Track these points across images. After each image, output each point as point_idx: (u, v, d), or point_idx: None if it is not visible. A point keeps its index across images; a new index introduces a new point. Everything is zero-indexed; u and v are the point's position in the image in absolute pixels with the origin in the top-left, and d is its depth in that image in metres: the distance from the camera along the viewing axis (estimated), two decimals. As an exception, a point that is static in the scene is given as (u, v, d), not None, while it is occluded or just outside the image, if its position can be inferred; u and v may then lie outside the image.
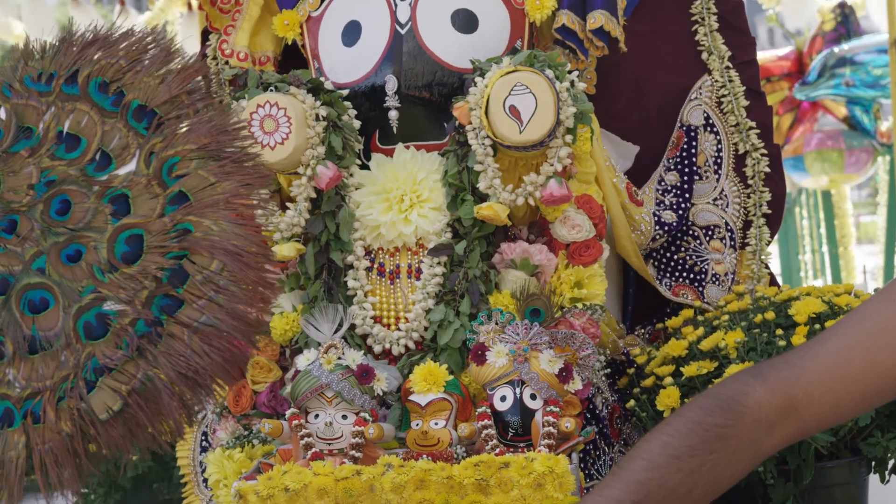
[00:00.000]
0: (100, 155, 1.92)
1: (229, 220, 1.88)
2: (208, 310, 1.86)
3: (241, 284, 1.88)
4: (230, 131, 1.95)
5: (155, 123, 1.93)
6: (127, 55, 1.96)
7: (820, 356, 1.66)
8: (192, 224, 1.88)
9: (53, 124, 1.93)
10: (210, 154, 1.93)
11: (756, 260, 3.00)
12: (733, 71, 2.99)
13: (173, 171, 1.90)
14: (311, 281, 2.68)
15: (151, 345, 1.85)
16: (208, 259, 1.87)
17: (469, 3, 2.78)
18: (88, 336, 1.86)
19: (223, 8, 3.01)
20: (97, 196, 1.90)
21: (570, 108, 2.53)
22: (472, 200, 2.60)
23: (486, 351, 2.47)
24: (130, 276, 1.87)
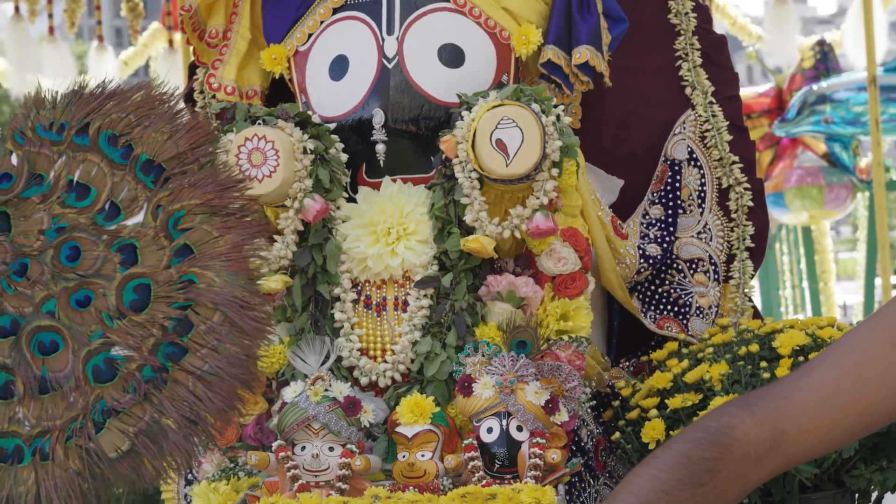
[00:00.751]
0: (109, 205, 2.01)
1: (231, 273, 2.00)
2: (210, 358, 1.97)
3: (241, 335, 1.99)
4: (232, 187, 2.06)
5: (162, 178, 2.03)
6: (137, 110, 2.06)
7: (808, 388, 1.67)
8: (196, 276, 1.99)
9: (64, 173, 2.02)
10: (213, 209, 2.03)
11: (739, 293, 3.02)
12: (717, 106, 3.02)
13: (179, 224, 2.01)
14: (298, 313, 2.69)
15: (157, 390, 1.96)
16: (211, 310, 1.98)
17: (456, 38, 2.81)
18: (97, 379, 1.96)
19: (210, 42, 3.03)
20: (106, 245, 2.00)
21: (556, 141, 2.56)
22: (458, 233, 2.62)
23: (472, 383, 2.48)
24: (138, 323, 1.98)
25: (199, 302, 1.99)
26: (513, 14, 2.85)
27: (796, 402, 1.67)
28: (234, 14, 3.03)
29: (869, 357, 1.67)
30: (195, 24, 3.02)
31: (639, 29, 3.00)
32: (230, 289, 1.99)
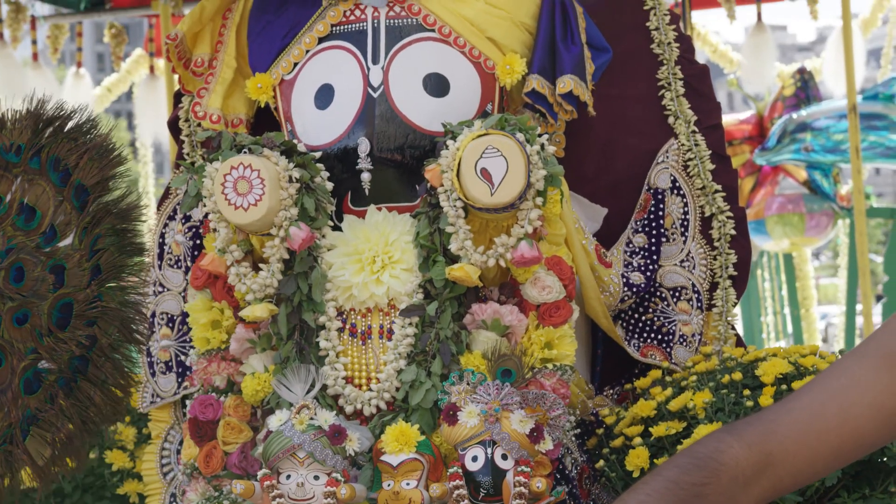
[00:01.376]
0: (49, 228, 2.17)
1: (125, 290, 2.24)
2: (105, 368, 2.20)
3: (127, 347, 2.25)
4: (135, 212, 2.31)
5: (90, 203, 2.20)
6: (76, 136, 2.23)
7: (794, 412, 1.68)
8: (102, 294, 2.20)
9: (18, 195, 2.16)
10: (117, 232, 2.25)
11: (722, 321, 3.03)
12: (699, 135, 3.04)
13: (95, 245, 2.19)
14: (283, 341, 2.69)
15: (67, 399, 2.18)
16: (110, 325, 2.21)
17: (441, 67, 2.83)
18: (27, 391, 2.14)
19: (196, 71, 3.04)
20: (43, 266, 2.16)
21: (540, 170, 2.57)
22: (443, 262, 2.63)
23: (457, 411, 2.49)
24: (61, 340, 2.16)
25: (103, 318, 2.18)
26: (497, 44, 2.87)
27: (783, 425, 1.68)
28: (219, 43, 3.05)
29: (855, 380, 1.69)
30: (181, 52, 3.03)
31: (622, 59, 3.02)
32: (124, 305, 2.21)
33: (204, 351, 2.77)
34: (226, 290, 2.75)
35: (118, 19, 7.50)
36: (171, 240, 3.09)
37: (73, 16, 6.97)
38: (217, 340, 2.76)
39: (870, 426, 1.67)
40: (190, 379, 2.98)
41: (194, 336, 2.79)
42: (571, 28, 2.91)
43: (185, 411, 2.87)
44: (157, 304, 3.05)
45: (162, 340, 3.07)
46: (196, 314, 2.79)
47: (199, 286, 2.77)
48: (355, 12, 2.88)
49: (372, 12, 2.87)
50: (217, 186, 2.62)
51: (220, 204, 2.62)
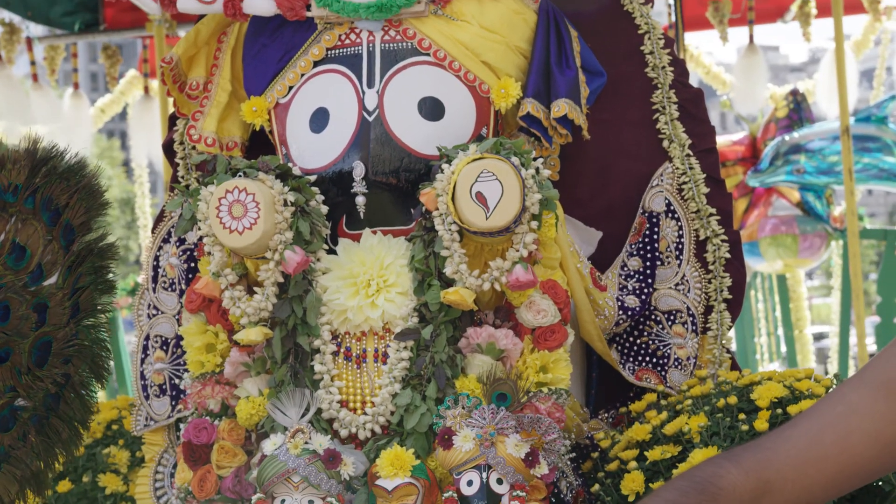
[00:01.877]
0: (37, 267, 2.18)
1: (96, 328, 2.29)
2: (75, 405, 2.24)
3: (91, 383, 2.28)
4: (109, 252, 2.34)
5: (76, 242, 2.22)
6: (68, 175, 2.24)
7: (793, 439, 1.69)
8: (79, 332, 2.22)
9: (11, 234, 2.16)
10: (94, 270, 2.27)
11: (717, 345, 3.03)
12: (694, 159, 3.04)
13: (76, 284, 2.21)
14: (278, 365, 2.69)
15: (38, 435, 2.18)
16: (82, 362, 2.23)
17: (436, 91, 2.83)
18: (1, 429, 2.15)
19: (191, 94, 3.04)
20: (27, 305, 2.16)
21: (535, 194, 2.57)
22: (438, 285, 2.63)
23: (452, 435, 2.48)
24: (39, 377, 2.17)
25: (76, 356, 2.22)
26: (492, 68, 2.87)
27: (781, 452, 1.69)
28: (214, 66, 3.05)
29: (853, 408, 1.69)
30: (176, 75, 3.04)
31: (617, 82, 3.03)
32: (94, 342, 2.25)
33: (198, 374, 2.76)
34: (220, 314, 2.75)
35: (112, 40, 7.51)
36: (166, 262, 3.09)
37: (68, 37, 6.97)
38: (211, 364, 2.76)
39: (868, 454, 1.67)
40: (184, 402, 2.97)
41: (189, 359, 2.79)
42: (566, 52, 2.92)
43: (178, 435, 2.87)
44: (151, 326, 3.05)
45: (156, 363, 3.06)
46: (190, 337, 2.78)
47: (193, 309, 2.77)
48: (350, 36, 2.88)
49: (367, 36, 2.87)
50: (212, 210, 2.62)
51: (214, 227, 2.62)
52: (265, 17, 2.93)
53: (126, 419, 3.33)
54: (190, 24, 3.12)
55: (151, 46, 7.30)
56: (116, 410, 3.53)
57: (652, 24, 3.10)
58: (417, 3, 2.84)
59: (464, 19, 2.88)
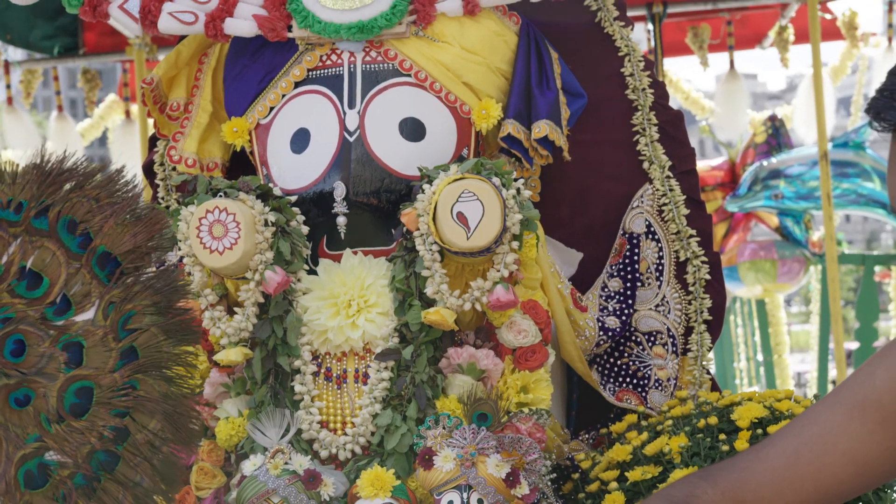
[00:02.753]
0: (61, 298, 1.88)
1: (171, 380, 1.91)
2: (142, 469, 1.88)
3: (174, 446, 1.91)
4: (180, 288, 1.96)
5: (117, 273, 1.91)
6: (97, 196, 1.93)
7: (769, 459, 1.70)
8: (138, 382, 1.88)
9: (18, 258, 1.89)
10: (160, 310, 1.93)
11: (697, 366, 3.04)
12: (674, 180, 3.05)
13: (128, 324, 1.89)
14: (258, 386, 2.68)
15: (86, 498, 1.86)
16: (148, 418, 1.88)
17: (417, 112, 2.84)
18: (28, 485, 1.84)
19: (172, 115, 3.04)
20: (52, 341, 1.87)
21: (516, 214, 2.58)
22: (419, 305, 2.63)
23: (433, 456, 2.48)
24: (76, 429, 1.86)
25: (138, 409, 1.88)
26: (473, 89, 2.88)
27: (757, 472, 1.70)
28: (195, 87, 3.05)
29: (829, 427, 1.70)
30: (156, 96, 3.03)
31: (597, 104, 3.04)
32: (168, 397, 1.90)
33: (178, 395, 2.75)
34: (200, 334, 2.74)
35: (92, 64, 7.50)
36: (146, 284, 3.08)
37: (47, 61, 6.96)
38: None
39: (844, 474, 1.68)
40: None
41: (168, 380, 2.77)
42: (547, 74, 2.93)
43: (158, 456, 2.85)
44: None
45: (135, 385, 3.04)
46: (170, 358, 2.77)
47: (173, 330, 2.76)
48: (332, 57, 2.89)
49: (348, 57, 2.88)
50: (192, 230, 2.61)
51: (195, 247, 2.62)
52: (246, 37, 2.93)
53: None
54: (170, 49, 3.12)
55: (132, 70, 7.28)
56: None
57: (632, 47, 3.11)
58: (399, 24, 2.85)
59: (445, 40, 2.89)
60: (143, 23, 2.91)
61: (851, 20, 7.41)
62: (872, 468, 1.70)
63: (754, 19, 7.24)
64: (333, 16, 2.85)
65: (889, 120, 1.61)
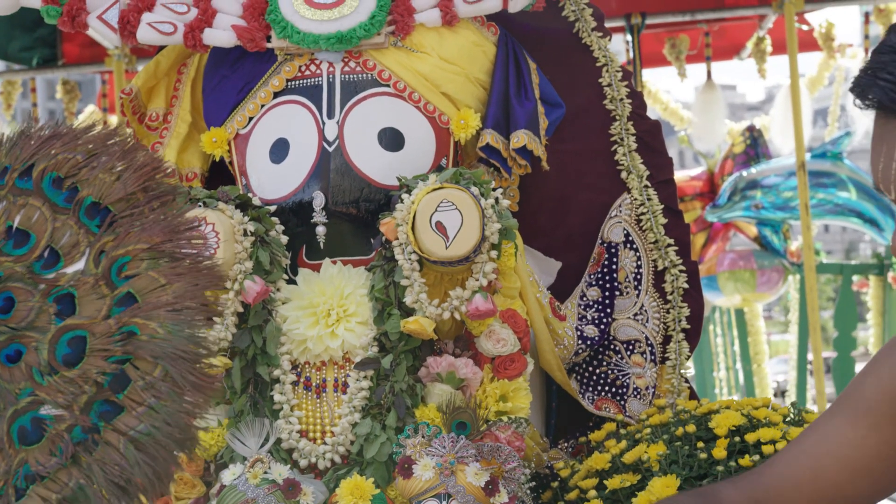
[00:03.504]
0: (48, 252, 1.85)
1: (176, 323, 1.81)
2: (146, 417, 1.79)
3: (182, 392, 1.80)
4: (184, 231, 1.88)
5: (108, 221, 1.86)
6: (85, 150, 1.89)
7: (775, 463, 1.77)
8: (138, 327, 1.81)
9: (3, 219, 1.85)
10: (162, 254, 1.86)
11: (676, 374, 3.05)
12: (652, 190, 3.07)
13: (123, 270, 1.84)
14: (237, 395, 2.68)
15: (86, 452, 1.79)
16: (152, 364, 1.80)
17: (396, 122, 2.85)
18: (22, 441, 1.79)
19: (151, 125, 3.04)
20: (42, 295, 1.82)
21: (494, 224, 2.59)
22: (398, 315, 2.63)
23: (412, 464, 2.48)
24: (71, 379, 1.80)
25: (139, 356, 1.80)
26: (452, 99, 2.90)
27: (766, 476, 1.82)
28: (174, 97, 3.06)
29: (824, 435, 1.77)
30: (135, 107, 3.04)
31: (575, 114, 3.06)
32: (175, 341, 1.80)
33: (157, 405, 2.75)
34: (179, 344, 2.74)
35: (71, 75, 7.49)
36: (125, 294, 3.07)
37: (26, 72, 6.95)
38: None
39: (838, 479, 1.74)
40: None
41: (147, 390, 2.77)
42: (525, 84, 2.94)
43: (137, 467, 2.84)
44: (109, 358, 3.03)
45: (114, 395, 3.04)
46: (149, 368, 2.76)
47: (152, 340, 2.75)
48: (311, 67, 2.90)
49: (327, 67, 2.89)
50: (171, 239, 2.61)
51: (174, 257, 2.61)
52: (225, 48, 2.94)
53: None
54: (149, 59, 3.12)
55: (111, 81, 7.28)
56: (74, 444, 3.50)
57: (610, 57, 3.13)
58: (377, 34, 2.86)
59: (423, 51, 2.90)
60: (121, 33, 2.91)
61: (828, 31, 7.47)
62: (869, 474, 1.74)
63: (732, 30, 7.28)
64: (312, 26, 2.86)
65: (872, 98, 1.64)
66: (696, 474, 2.55)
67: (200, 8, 2.93)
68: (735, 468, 2.52)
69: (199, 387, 1.81)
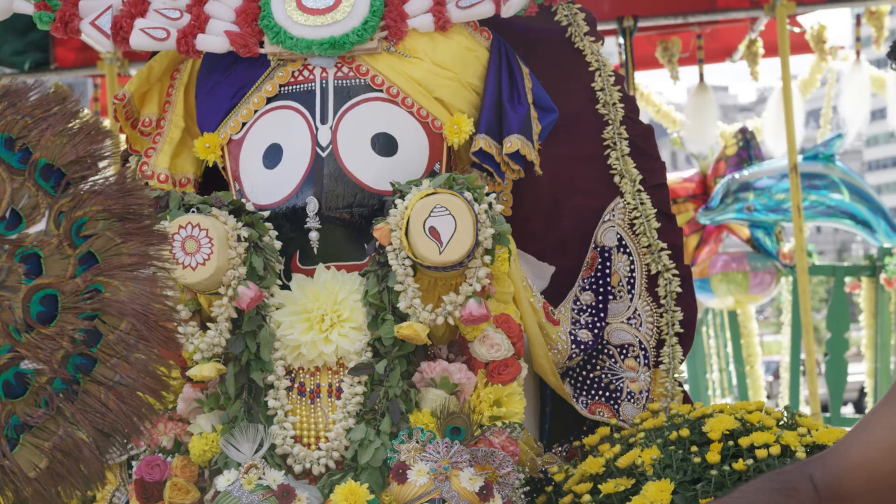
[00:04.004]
0: (10, 213, 1.94)
1: (136, 281, 1.95)
2: (120, 368, 1.94)
3: (148, 343, 1.95)
4: (134, 192, 2.00)
5: (63, 183, 1.96)
6: (33, 112, 1.98)
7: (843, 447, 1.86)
8: (102, 285, 1.94)
9: None
10: (115, 215, 1.98)
11: (669, 378, 3.05)
12: (645, 194, 3.07)
13: (81, 231, 1.95)
14: (232, 401, 2.68)
15: (69, 402, 1.91)
16: (118, 319, 1.93)
17: (389, 127, 2.85)
18: (8, 394, 1.89)
19: (144, 131, 3.04)
20: (9, 255, 1.92)
21: (488, 229, 2.59)
22: (392, 320, 2.64)
23: (406, 470, 2.48)
24: (47, 336, 1.91)
25: (107, 311, 1.94)
26: (445, 104, 2.90)
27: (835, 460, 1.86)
28: (167, 103, 3.06)
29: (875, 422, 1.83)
30: (128, 112, 3.04)
31: (568, 119, 3.06)
32: (137, 297, 1.94)
33: (151, 411, 2.75)
34: (173, 350, 2.74)
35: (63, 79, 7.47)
36: (118, 299, 3.07)
37: (18, 75, 6.93)
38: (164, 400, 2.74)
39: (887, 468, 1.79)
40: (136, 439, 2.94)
41: (141, 396, 2.77)
42: (518, 89, 2.95)
43: (130, 472, 2.85)
44: (103, 364, 3.02)
45: (108, 401, 3.04)
46: (143, 374, 2.76)
47: (146, 346, 2.75)
48: (304, 72, 2.90)
49: (320, 73, 2.89)
50: (165, 246, 2.61)
51: (168, 263, 2.61)
52: (218, 53, 2.94)
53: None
54: (142, 63, 3.12)
55: (103, 85, 7.26)
56: (67, 449, 3.49)
57: (602, 62, 3.13)
58: (370, 40, 2.87)
59: (416, 56, 2.90)
60: (114, 39, 2.91)
61: (820, 34, 7.47)
62: None
63: (724, 33, 7.28)
64: (305, 32, 2.86)
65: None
66: (689, 478, 2.55)
67: (193, 14, 2.93)
68: (729, 472, 2.52)
69: (165, 340, 1.96)
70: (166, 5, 2.96)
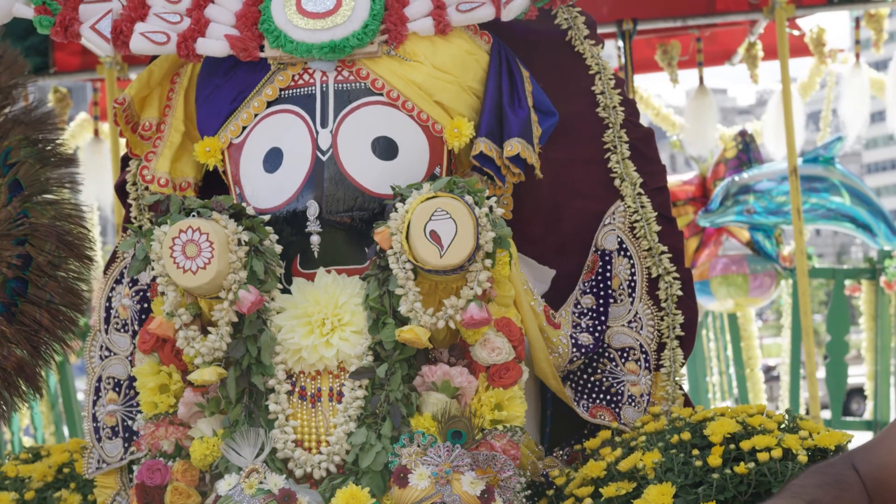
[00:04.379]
0: None
1: (54, 204, 2.11)
2: (49, 287, 2.10)
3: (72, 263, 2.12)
4: (46, 117, 2.14)
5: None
6: None
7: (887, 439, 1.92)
8: (28, 210, 2.05)
9: None
10: (35, 142, 2.10)
11: (670, 381, 3.05)
12: (645, 197, 3.07)
13: (8, 160, 1.99)
14: (232, 405, 2.68)
15: (8, 323, 2.06)
16: (44, 241, 2.08)
17: (389, 131, 2.85)
18: None
19: (144, 135, 3.04)
20: None
21: (489, 232, 2.59)
22: (393, 324, 2.63)
23: (408, 473, 2.48)
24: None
25: (35, 235, 2.07)
26: (445, 107, 2.90)
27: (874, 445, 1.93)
28: (167, 107, 3.05)
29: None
30: (129, 116, 3.03)
31: (569, 122, 3.06)
32: (58, 218, 2.09)
33: (152, 415, 2.75)
34: (174, 354, 2.74)
35: (63, 83, 7.47)
36: (118, 304, 3.07)
37: (17, 79, 6.93)
38: (165, 404, 2.74)
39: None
40: (137, 444, 2.95)
41: (142, 400, 2.77)
42: (518, 92, 2.95)
43: (131, 477, 2.85)
44: (103, 368, 3.02)
45: (108, 405, 3.04)
46: (144, 378, 2.77)
47: (147, 350, 2.76)
48: (304, 76, 2.90)
49: (320, 76, 2.89)
50: (165, 250, 2.61)
51: (168, 267, 2.62)
52: (218, 57, 2.94)
53: (78, 462, 3.29)
54: (141, 67, 3.13)
55: (102, 89, 7.26)
56: (68, 453, 3.48)
57: (602, 65, 3.13)
58: (370, 43, 2.87)
59: (416, 59, 2.90)
60: (114, 43, 2.91)
61: (819, 37, 7.48)
62: None
63: (723, 36, 7.29)
64: (305, 35, 2.86)
65: None
66: (691, 482, 2.55)
67: (193, 18, 2.93)
68: (730, 475, 2.52)
69: (80, 255, 2.16)
70: (166, 9, 2.96)
